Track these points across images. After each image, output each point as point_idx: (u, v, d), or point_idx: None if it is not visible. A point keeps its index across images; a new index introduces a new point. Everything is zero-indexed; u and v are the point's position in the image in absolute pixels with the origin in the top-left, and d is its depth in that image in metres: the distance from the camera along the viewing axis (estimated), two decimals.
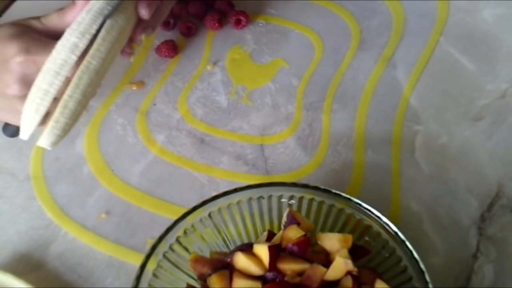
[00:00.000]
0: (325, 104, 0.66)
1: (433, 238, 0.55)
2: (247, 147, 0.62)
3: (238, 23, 0.72)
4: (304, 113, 0.65)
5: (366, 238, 0.49)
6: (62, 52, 0.48)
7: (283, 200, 0.51)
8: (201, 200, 0.49)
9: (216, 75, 0.69)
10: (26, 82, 0.49)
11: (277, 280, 0.44)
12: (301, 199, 0.50)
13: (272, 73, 0.69)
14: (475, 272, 0.53)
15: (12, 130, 0.59)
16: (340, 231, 0.50)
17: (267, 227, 0.52)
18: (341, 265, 0.43)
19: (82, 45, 0.48)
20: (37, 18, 0.53)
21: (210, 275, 0.45)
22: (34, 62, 0.49)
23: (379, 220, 0.48)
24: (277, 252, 0.45)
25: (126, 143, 0.63)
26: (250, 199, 0.50)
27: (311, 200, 0.50)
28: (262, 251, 0.44)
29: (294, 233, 0.45)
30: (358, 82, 0.68)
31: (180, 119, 0.65)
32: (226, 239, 0.51)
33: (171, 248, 0.48)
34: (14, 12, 0.76)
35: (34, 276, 0.53)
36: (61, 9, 0.53)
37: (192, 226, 0.49)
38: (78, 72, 0.49)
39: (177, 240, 0.48)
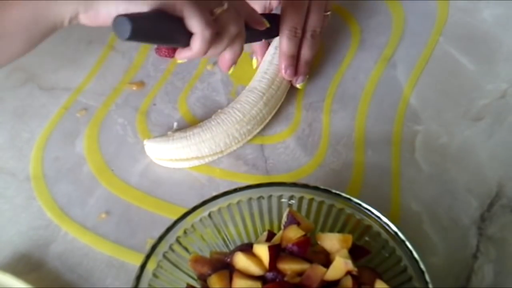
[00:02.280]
0: (325, 104, 0.66)
1: (433, 238, 0.55)
2: (247, 147, 0.62)
3: None
4: (304, 113, 0.65)
5: (366, 238, 0.49)
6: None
7: (283, 200, 0.51)
8: (201, 200, 0.49)
9: (216, 75, 0.69)
10: None
11: (277, 280, 0.44)
12: (301, 199, 0.50)
13: None
14: (475, 272, 0.53)
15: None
16: (340, 231, 0.50)
17: (267, 227, 0.52)
18: (341, 265, 0.43)
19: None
20: None
21: (210, 275, 0.45)
22: None
23: (379, 220, 0.48)
24: (277, 252, 0.45)
25: (126, 143, 0.63)
26: (250, 199, 0.50)
27: (311, 200, 0.50)
28: (262, 251, 0.44)
29: (294, 233, 0.45)
30: (358, 82, 0.68)
31: (180, 119, 0.65)
32: (226, 239, 0.52)
33: (171, 248, 0.48)
34: None
35: (34, 276, 0.53)
36: None
37: (192, 226, 0.49)
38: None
39: (177, 240, 0.48)
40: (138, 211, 0.58)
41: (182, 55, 0.51)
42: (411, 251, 0.45)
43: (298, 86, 0.64)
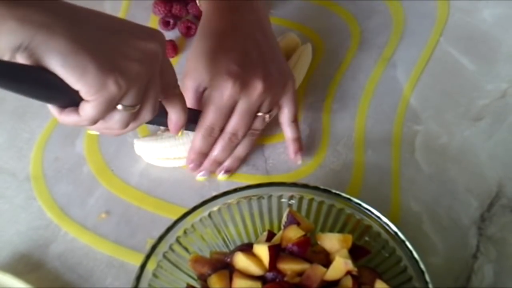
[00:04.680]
0: (325, 104, 0.66)
1: (433, 238, 0.55)
2: None
3: None
4: (304, 113, 0.65)
5: (366, 238, 0.49)
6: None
7: (283, 200, 0.51)
8: (201, 200, 0.49)
9: None
10: None
11: (277, 280, 0.44)
12: (301, 199, 0.50)
13: None
14: (475, 272, 0.53)
15: None
16: (340, 231, 0.50)
17: (267, 227, 0.52)
18: (341, 265, 0.43)
19: None
20: None
21: (210, 275, 0.45)
22: None
23: (379, 220, 0.48)
24: (277, 252, 0.45)
25: (126, 143, 0.63)
26: (250, 199, 0.50)
27: (311, 200, 0.50)
28: (262, 251, 0.44)
29: (294, 233, 0.45)
30: (358, 82, 0.68)
31: None
32: (226, 239, 0.52)
33: (171, 248, 0.48)
34: None
35: (34, 276, 0.53)
36: None
37: (192, 226, 0.49)
38: None
39: (177, 240, 0.48)
40: (138, 211, 0.58)
41: (66, 119, 0.43)
42: (411, 251, 0.45)
43: (197, 178, 0.59)
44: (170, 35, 0.72)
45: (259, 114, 0.56)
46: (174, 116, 0.50)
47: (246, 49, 0.55)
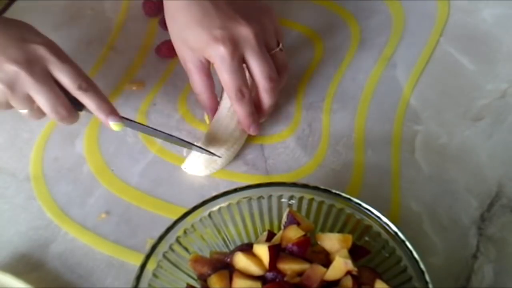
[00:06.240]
0: (325, 104, 0.66)
1: (433, 238, 0.55)
2: (247, 147, 0.62)
3: None
4: (304, 113, 0.65)
5: (366, 238, 0.49)
6: None
7: (283, 200, 0.51)
8: (201, 200, 0.49)
9: (216, 75, 0.69)
10: None
11: (277, 280, 0.44)
12: (301, 199, 0.50)
13: None
14: (475, 272, 0.53)
15: None
16: (340, 231, 0.50)
17: (267, 227, 0.52)
18: (341, 265, 0.43)
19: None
20: None
21: (210, 275, 0.46)
22: None
23: (379, 220, 0.48)
24: (277, 252, 0.45)
25: (125, 143, 0.63)
26: (250, 199, 0.50)
27: (311, 200, 0.50)
28: (262, 251, 0.44)
29: (294, 233, 0.45)
30: (358, 82, 0.68)
31: (180, 119, 0.65)
32: (226, 239, 0.52)
33: (171, 248, 0.48)
34: (14, 12, 0.76)
35: (34, 276, 0.53)
36: None
37: (192, 226, 0.49)
38: None
39: (177, 240, 0.48)
40: (138, 211, 0.58)
41: None
42: (411, 251, 0.45)
43: (251, 133, 0.60)
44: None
45: (273, 51, 0.58)
46: (91, 108, 0.55)
47: (216, 8, 0.56)
